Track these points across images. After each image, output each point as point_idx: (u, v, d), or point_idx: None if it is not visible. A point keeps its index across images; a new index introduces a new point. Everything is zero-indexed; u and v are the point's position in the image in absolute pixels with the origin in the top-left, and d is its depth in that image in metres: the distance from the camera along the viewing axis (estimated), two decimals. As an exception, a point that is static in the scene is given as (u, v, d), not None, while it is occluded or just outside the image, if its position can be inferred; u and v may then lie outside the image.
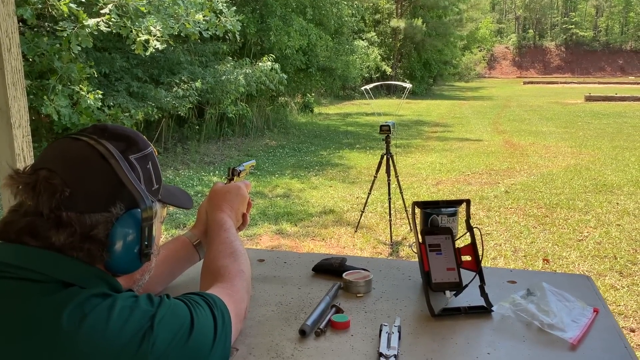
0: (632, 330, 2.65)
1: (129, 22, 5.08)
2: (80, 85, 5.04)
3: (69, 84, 5.01)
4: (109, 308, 0.65)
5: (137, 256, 0.73)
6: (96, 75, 5.71)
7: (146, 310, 0.67)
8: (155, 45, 5.20)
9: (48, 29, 5.20)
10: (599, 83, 34.22)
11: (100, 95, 5.26)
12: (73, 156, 0.70)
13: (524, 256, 3.75)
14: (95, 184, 0.69)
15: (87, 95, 4.95)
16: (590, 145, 8.86)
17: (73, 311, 0.63)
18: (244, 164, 1.22)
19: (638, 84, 31.84)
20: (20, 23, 4.83)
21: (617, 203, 5.15)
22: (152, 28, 5.19)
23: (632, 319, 2.79)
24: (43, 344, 0.61)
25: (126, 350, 0.63)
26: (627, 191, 5.63)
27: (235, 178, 1.16)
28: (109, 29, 4.99)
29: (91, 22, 4.76)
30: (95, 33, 4.96)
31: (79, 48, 4.79)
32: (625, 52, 56.95)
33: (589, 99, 19.34)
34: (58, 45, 4.89)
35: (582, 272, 3.39)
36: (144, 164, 0.75)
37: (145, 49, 5.24)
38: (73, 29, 4.73)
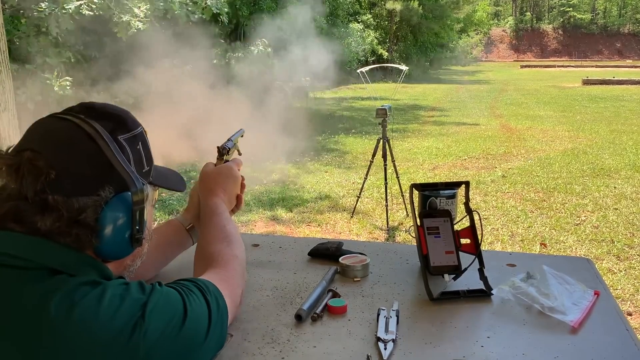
0: (629, 314, 2.66)
1: (112, 3, 4.95)
2: (50, 74, 4.89)
3: (48, 70, 4.87)
4: (99, 297, 0.62)
5: (129, 241, 0.70)
6: (72, 60, 5.57)
7: (137, 298, 0.65)
8: (137, 26, 5.08)
9: (35, 11, 5.07)
10: (597, 66, 34.11)
11: (68, 82, 5.11)
12: (59, 137, 0.67)
13: (522, 240, 3.75)
14: (83, 166, 0.66)
15: (53, 83, 4.80)
16: (588, 129, 8.85)
17: (61, 300, 0.60)
18: (232, 137, 1.12)
19: (635, 67, 31.77)
20: (5, 6, 4.69)
21: (615, 187, 5.16)
22: (135, 9, 5.07)
23: (629, 302, 2.81)
24: (30, 334, 0.59)
25: (117, 340, 0.61)
26: (624, 175, 5.63)
27: (225, 156, 1.08)
28: (91, 12, 4.86)
29: (72, 5, 4.62)
30: (77, 17, 4.83)
31: (58, 31, 4.66)
32: (622, 35, 56.70)
33: (587, 82, 19.29)
34: (35, 28, 4.75)
35: (580, 256, 3.40)
36: (133, 144, 0.72)
37: (127, 31, 5.12)
38: (53, 10, 4.60)
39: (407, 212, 4.33)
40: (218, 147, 1.08)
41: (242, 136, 1.17)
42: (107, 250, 0.69)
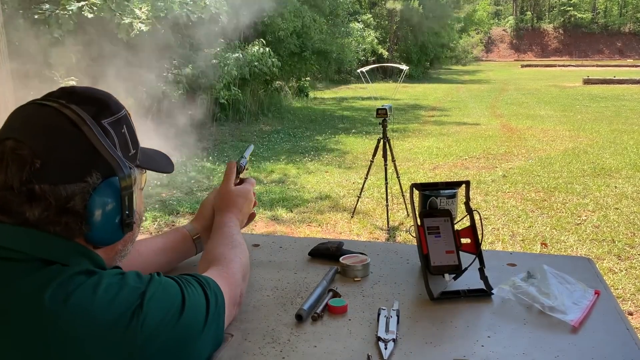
0: (630, 314, 2.66)
1: (113, 5, 4.94)
2: (55, 72, 4.89)
3: (49, 71, 4.86)
4: (95, 286, 0.62)
5: (119, 226, 0.70)
6: (74, 61, 5.55)
7: (135, 287, 0.65)
8: (139, 28, 5.07)
9: (36, 14, 5.06)
10: (597, 66, 34.06)
11: (74, 82, 5.11)
12: (41, 124, 0.66)
13: (522, 240, 3.75)
14: (68, 153, 0.65)
15: (60, 81, 4.81)
16: (589, 129, 8.84)
17: (56, 290, 0.60)
18: (245, 155, 1.18)
19: (636, 66, 31.72)
20: (5, 6, 4.69)
21: (615, 187, 5.15)
22: (137, 11, 5.06)
23: (630, 302, 2.80)
24: (26, 327, 0.59)
25: (114, 328, 0.61)
26: (625, 175, 5.63)
27: (240, 173, 1.15)
28: (93, 14, 4.85)
29: (74, 6, 4.62)
30: (76, 20, 4.82)
31: (59, 32, 4.65)
32: (623, 35, 56.60)
33: (587, 82, 19.26)
34: (36, 29, 4.73)
35: (580, 256, 3.39)
36: (118, 128, 0.70)
37: (129, 32, 5.11)
38: (53, 11, 4.59)
39: (407, 212, 4.33)
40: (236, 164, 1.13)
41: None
42: (98, 236, 0.68)
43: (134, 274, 0.68)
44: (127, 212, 0.70)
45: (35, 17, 4.75)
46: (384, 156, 4.06)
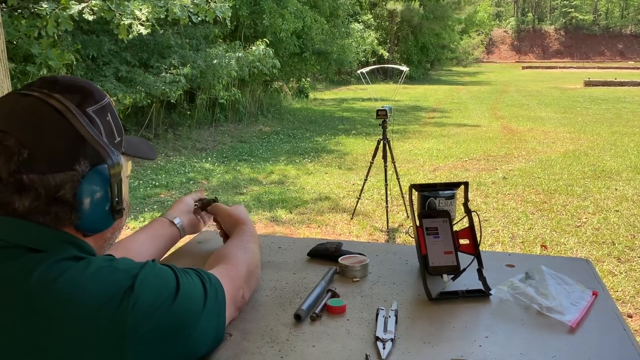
0: (630, 316, 2.66)
1: (113, 5, 4.94)
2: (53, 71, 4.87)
3: (47, 71, 4.84)
4: (84, 268, 0.62)
5: (109, 213, 0.70)
6: (74, 62, 5.55)
7: (127, 270, 0.65)
8: (139, 30, 5.06)
9: (33, 10, 5.05)
10: (598, 68, 34.07)
11: None
12: (25, 114, 0.65)
13: (522, 242, 3.75)
14: (55, 142, 0.64)
15: None
16: (589, 131, 8.84)
17: (44, 273, 0.60)
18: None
19: (638, 68, 31.73)
20: (3, 4, 4.69)
21: (616, 189, 5.15)
22: (137, 12, 5.05)
23: (629, 304, 2.80)
24: (13, 309, 0.59)
25: (103, 310, 0.60)
26: (625, 177, 5.63)
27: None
28: (94, 16, 4.85)
29: (75, 8, 4.61)
30: (77, 19, 4.81)
31: (55, 31, 4.63)
32: (625, 37, 56.61)
33: (588, 83, 19.27)
34: (36, 28, 4.71)
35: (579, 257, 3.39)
36: (102, 116, 0.70)
37: (129, 34, 5.11)
38: (53, 10, 4.57)
39: (407, 213, 4.33)
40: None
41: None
42: (89, 224, 0.68)
43: (126, 259, 0.68)
44: (116, 199, 0.70)
45: (34, 10, 4.74)
46: (384, 157, 4.06)
